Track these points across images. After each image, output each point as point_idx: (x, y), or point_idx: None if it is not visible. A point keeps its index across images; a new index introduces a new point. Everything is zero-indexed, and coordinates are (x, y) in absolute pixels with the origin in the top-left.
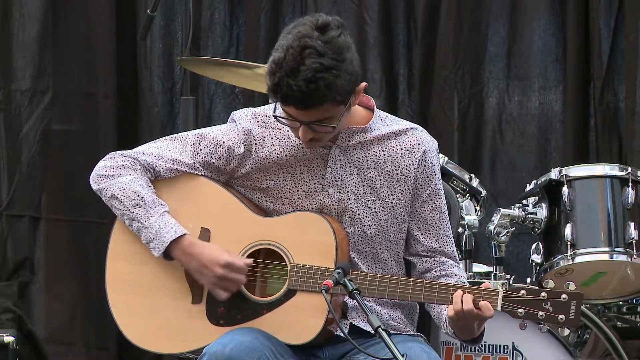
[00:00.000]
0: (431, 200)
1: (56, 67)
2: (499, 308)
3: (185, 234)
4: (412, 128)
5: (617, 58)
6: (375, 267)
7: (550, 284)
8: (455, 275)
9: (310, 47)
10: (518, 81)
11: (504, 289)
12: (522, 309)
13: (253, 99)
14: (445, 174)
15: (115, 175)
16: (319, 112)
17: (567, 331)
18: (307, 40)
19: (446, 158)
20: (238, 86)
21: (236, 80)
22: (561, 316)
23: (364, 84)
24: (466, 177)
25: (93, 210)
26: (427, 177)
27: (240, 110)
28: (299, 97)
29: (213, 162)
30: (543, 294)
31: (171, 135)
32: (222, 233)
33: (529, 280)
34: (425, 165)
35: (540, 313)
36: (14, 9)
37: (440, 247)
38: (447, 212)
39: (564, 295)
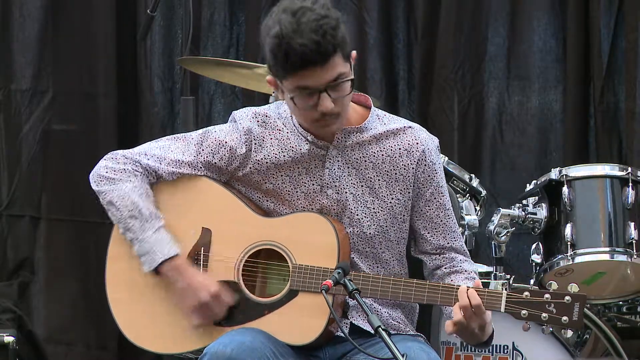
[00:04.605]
0: (435, 198)
1: (56, 67)
2: (502, 310)
3: (177, 253)
4: (410, 127)
5: (617, 58)
6: (377, 267)
7: (554, 285)
8: (465, 270)
9: (299, 8)
10: (518, 81)
11: (504, 289)
12: (526, 311)
13: (253, 99)
14: (445, 174)
15: (116, 179)
16: (334, 67)
17: (569, 333)
18: (292, 6)
19: (446, 158)
20: (238, 86)
21: (236, 80)
22: (564, 318)
23: (354, 52)
24: (466, 177)
25: (93, 210)
26: (429, 175)
27: (240, 109)
28: (314, 48)
29: (215, 163)
30: (546, 295)
31: (174, 135)
32: (224, 233)
33: (532, 282)
34: (425, 165)
35: (544, 315)
36: (14, 9)
37: (448, 243)
38: (451, 208)
39: (567, 297)
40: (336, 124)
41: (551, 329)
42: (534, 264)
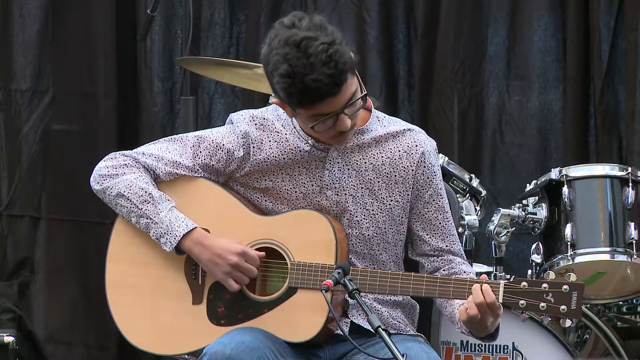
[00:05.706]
0: (434, 200)
1: (56, 67)
2: (500, 300)
3: (196, 227)
4: (409, 129)
5: (617, 58)
6: (374, 269)
7: (551, 275)
8: (464, 272)
9: (301, 39)
10: (518, 81)
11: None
12: (524, 301)
13: (253, 99)
14: (445, 174)
15: (119, 174)
16: (346, 90)
17: (568, 322)
18: (294, 38)
19: (446, 158)
20: (238, 86)
21: (236, 80)
22: (562, 307)
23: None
24: (466, 177)
25: (93, 210)
26: (428, 178)
27: (238, 112)
28: (329, 82)
29: (212, 165)
30: (544, 285)
31: (171, 137)
32: (222, 233)
33: (529, 272)
34: (424, 167)
35: (542, 304)
36: (14, 9)
37: (447, 246)
38: (450, 210)
39: (565, 286)
40: (351, 134)
41: (549, 319)
42: (534, 264)
